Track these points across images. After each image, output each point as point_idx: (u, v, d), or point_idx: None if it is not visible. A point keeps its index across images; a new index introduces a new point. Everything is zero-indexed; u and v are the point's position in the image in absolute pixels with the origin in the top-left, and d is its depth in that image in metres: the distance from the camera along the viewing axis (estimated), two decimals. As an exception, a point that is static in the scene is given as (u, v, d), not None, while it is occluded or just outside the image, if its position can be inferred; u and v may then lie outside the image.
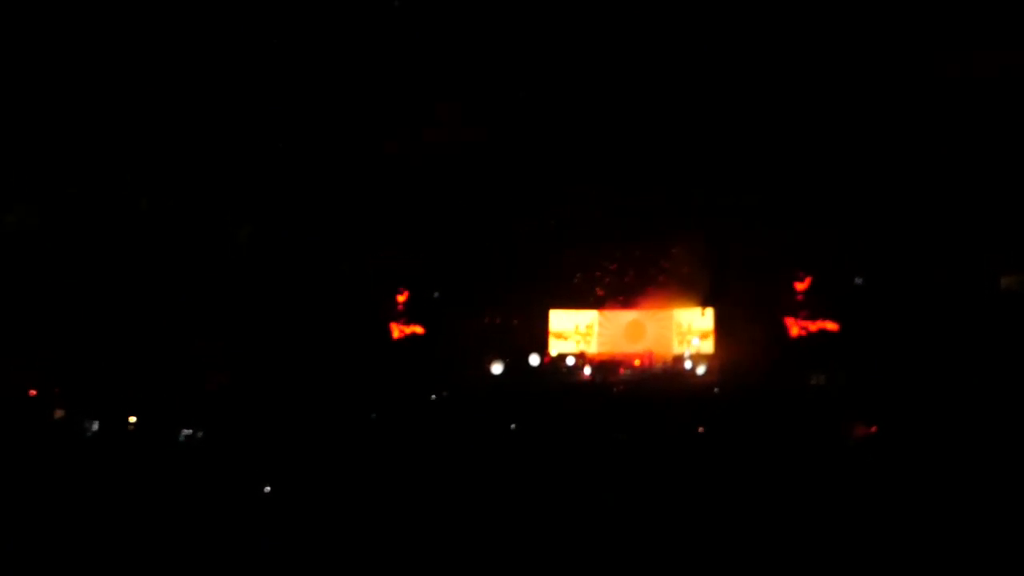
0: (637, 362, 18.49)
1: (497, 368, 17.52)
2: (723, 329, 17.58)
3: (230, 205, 16.30)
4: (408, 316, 19.50)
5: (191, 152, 14.28)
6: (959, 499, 5.10)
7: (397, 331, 19.41)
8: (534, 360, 18.12)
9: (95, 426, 8.38)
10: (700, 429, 8.62)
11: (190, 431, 7.94)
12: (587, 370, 17.80)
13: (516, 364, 17.88)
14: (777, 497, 5.56)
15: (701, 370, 17.06)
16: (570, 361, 18.44)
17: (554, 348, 19.17)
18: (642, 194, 17.07)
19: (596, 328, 19.50)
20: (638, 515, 5.17)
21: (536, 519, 5.07)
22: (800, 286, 16.91)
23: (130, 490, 5.71)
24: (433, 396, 12.18)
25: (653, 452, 7.35)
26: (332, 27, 10.84)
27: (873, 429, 7.69)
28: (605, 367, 17.98)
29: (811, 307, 16.75)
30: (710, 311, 17.87)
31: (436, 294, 19.19)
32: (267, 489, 5.64)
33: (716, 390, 13.91)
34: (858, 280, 16.11)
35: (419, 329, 19.24)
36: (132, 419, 8.76)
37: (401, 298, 19.54)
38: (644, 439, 8.09)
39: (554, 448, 7.46)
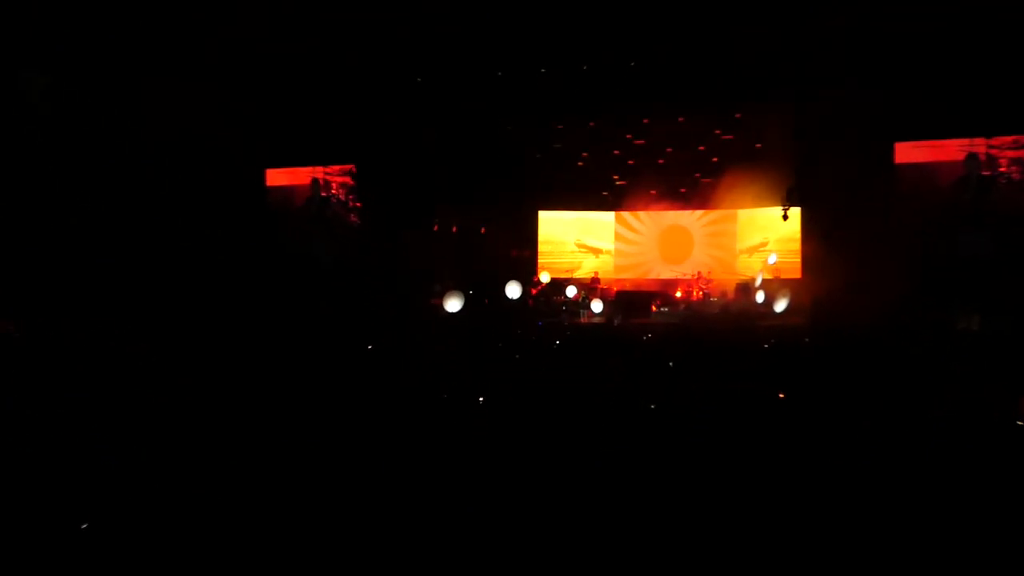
0: (679, 293, 16.00)
1: (454, 305, 13.28)
2: (817, 241, 13.90)
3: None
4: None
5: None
6: None
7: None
8: (513, 291, 14.69)
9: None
10: (781, 396, 7.05)
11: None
12: (597, 306, 14.72)
13: (484, 298, 14.91)
14: (903, 506, 4.29)
15: (781, 306, 14.08)
16: (571, 292, 15.49)
17: (545, 272, 16.47)
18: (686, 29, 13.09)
19: (613, 240, 17.05)
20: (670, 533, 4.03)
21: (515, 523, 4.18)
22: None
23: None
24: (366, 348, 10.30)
25: (702, 436, 5.75)
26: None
27: None
28: (627, 302, 15.07)
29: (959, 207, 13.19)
30: (795, 211, 14.77)
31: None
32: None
33: (806, 339, 11.41)
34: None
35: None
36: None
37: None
38: (687, 414, 6.55)
39: (544, 432, 5.85)
